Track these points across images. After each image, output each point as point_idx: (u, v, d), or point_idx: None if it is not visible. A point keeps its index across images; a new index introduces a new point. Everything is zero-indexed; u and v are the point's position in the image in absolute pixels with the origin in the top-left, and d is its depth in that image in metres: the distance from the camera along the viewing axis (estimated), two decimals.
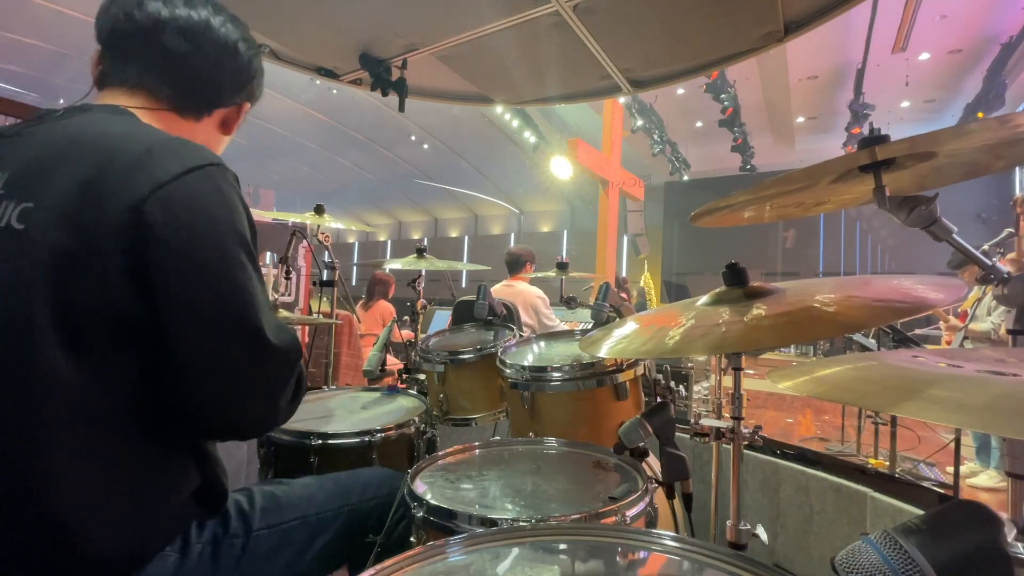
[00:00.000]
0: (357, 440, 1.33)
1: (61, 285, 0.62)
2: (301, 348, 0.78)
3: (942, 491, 1.73)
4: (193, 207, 0.67)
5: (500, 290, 3.50)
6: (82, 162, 0.66)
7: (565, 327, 2.94)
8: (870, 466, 3.10)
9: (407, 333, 2.26)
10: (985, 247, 2.92)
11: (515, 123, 11.33)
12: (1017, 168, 8.15)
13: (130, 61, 0.79)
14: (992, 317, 3.28)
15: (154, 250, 0.64)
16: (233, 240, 0.70)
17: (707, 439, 1.07)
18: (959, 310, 3.69)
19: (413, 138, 13.72)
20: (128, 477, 0.69)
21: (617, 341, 0.98)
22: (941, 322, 3.86)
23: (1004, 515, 0.53)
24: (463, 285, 13.80)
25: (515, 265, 3.62)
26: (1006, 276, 0.76)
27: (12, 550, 0.63)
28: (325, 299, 2.45)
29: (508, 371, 1.40)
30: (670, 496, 1.02)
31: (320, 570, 0.93)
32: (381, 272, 4.82)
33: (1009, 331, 0.80)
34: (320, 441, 1.31)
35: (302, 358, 0.80)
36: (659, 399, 1.35)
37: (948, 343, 3.71)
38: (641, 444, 1.00)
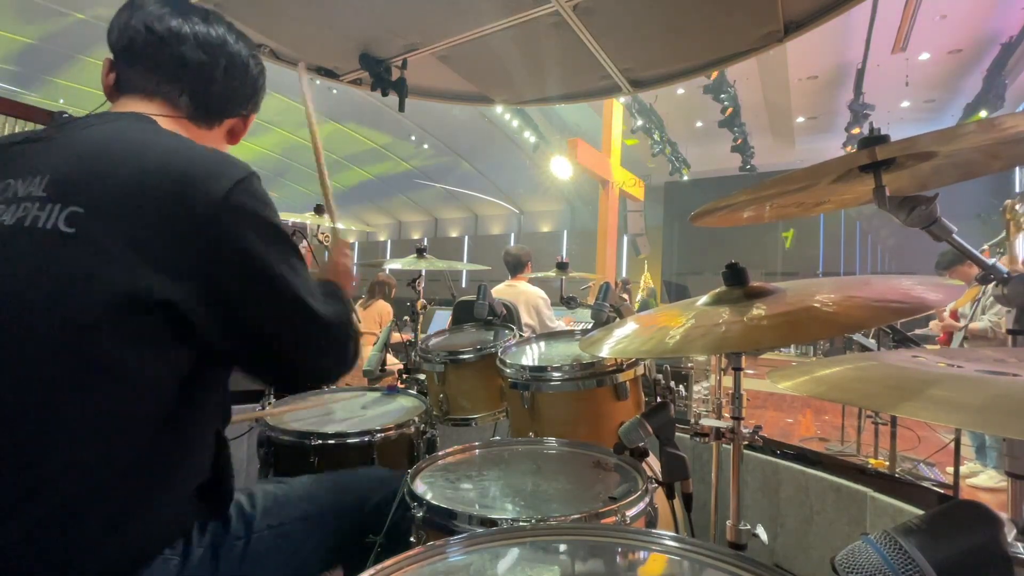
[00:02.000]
0: (357, 440, 1.33)
1: (122, 287, 0.64)
2: (351, 314, 0.89)
3: (942, 491, 1.73)
4: (245, 217, 0.72)
5: (502, 290, 3.50)
6: (131, 172, 0.69)
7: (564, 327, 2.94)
8: (870, 466, 3.10)
9: (406, 335, 2.26)
10: (985, 247, 2.92)
11: (515, 123, 11.33)
12: (1017, 168, 8.15)
13: (149, 71, 0.83)
14: (988, 316, 3.28)
15: (216, 256, 0.69)
16: (279, 239, 0.76)
17: (707, 439, 1.07)
18: (949, 309, 3.68)
19: (413, 138, 13.73)
20: (149, 468, 0.70)
21: (617, 341, 0.98)
22: (937, 319, 3.85)
23: (1004, 515, 0.53)
24: (463, 285, 13.81)
25: (517, 266, 3.62)
26: (1006, 276, 0.76)
27: (22, 541, 0.63)
28: None
29: (508, 371, 1.40)
30: (670, 496, 1.03)
31: (319, 568, 0.93)
32: (383, 274, 4.86)
33: (1009, 331, 0.80)
34: (320, 441, 1.31)
35: (352, 323, 0.88)
36: (659, 399, 1.35)
37: (942, 341, 3.70)
38: (641, 444, 1.01)
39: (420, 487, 0.96)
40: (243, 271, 0.72)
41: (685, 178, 12.94)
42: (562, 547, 0.70)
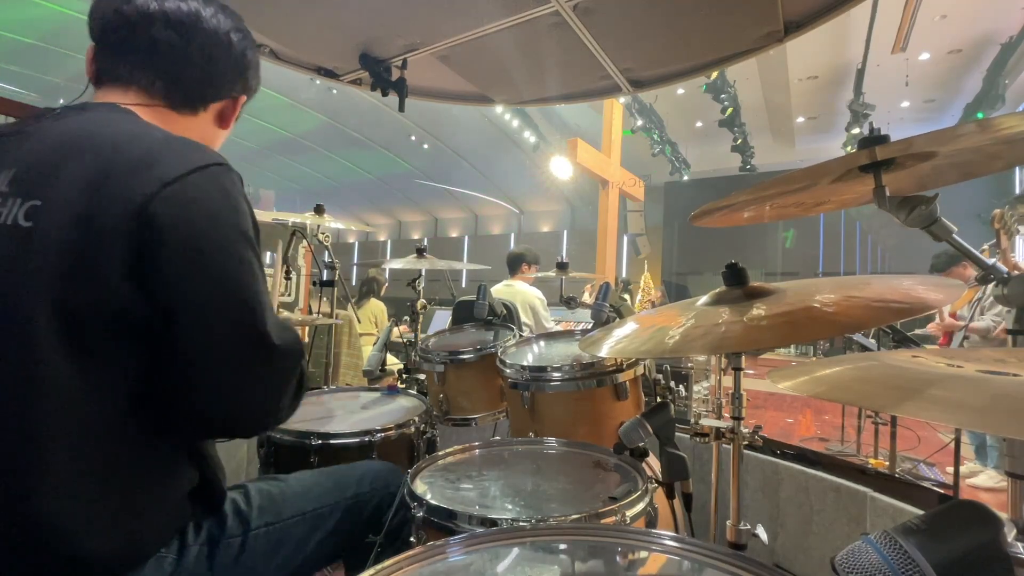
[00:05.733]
0: (357, 440, 1.33)
1: (66, 283, 0.63)
2: (303, 348, 0.79)
3: (942, 491, 1.73)
4: (197, 206, 0.68)
5: (500, 290, 3.50)
6: (88, 161, 0.66)
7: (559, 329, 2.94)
8: (870, 466, 3.10)
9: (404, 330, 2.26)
10: (984, 247, 2.93)
11: (515, 123, 11.33)
12: (1017, 168, 8.15)
13: (122, 57, 0.79)
14: (988, 316, 3.29)
15: (158, 248, 0.65)
16: (236, 238, 0.70)
17: (707, 439, 1.07)
18: (947, 313, 3.69)
19: (413, 138, 13.72)
20: (125, 476, 0.69)
21: (617, 341, 0.98)
22: (937, 320, 3.84)
23: (1004, 515, 0.53)
24: (463, 285, 13.81)
25: (514, 264, 3.62)
26: (1006, 276, 0.76)
27: (7, 548, 0.63)
28: (325, 299, 2.45)
29: (508, 371, 1.40)
30: (670, 496, 1.03)
31: (317, 564, 0.93)
32: (374, 271, 4.96)
33: (1009, 331, 0.80)
34: (320, 441, 1.31)
35: (303, 358, 0.80)
36: (659, 399, 1.35)
37: (943, 343, 3.70)
38: (641, 444, 1.00)
39: (420, 487, 0.96)
40: (182, 269, 0.66)
41: (685, 178, 12.94)
42: (562, 547, 0.70)
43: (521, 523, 0.78)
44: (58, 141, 0.69)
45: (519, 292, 3.45)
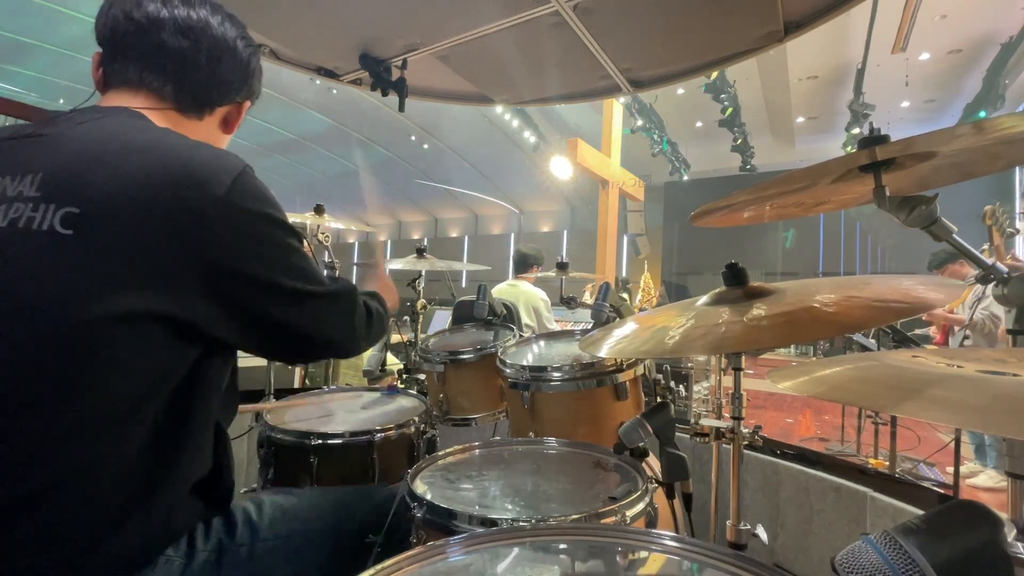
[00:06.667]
0: (357, 440, 1.33)
1: (120, 292, 0.64)
2: (353, 286, 0.93)
3: (942, 491, 1.74)
4: (243, 216, 0.72)
5: (503, 289, 3.49)
6: (129, 173, 0.67)
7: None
8: (870, 466, 3.10)
9: (406, 335, 2.26)
10: (984, 247, 2.94)
11: (515, 123, 11.33)
12: (1017, 168, 8.15)
13: (131, 61, 0.80)
14: (978, 310, 3.32)
15: (219, 264, 0.70)
16: (279, 232, 0.77)
17: (707, 439, 1.07)
18: (944, 309, 3.71)
19: (413, 138, 13.73)
20: (145, 465, 0.69)
21: (617, 341, 0.98)
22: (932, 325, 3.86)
23: (1004, 515, 0.53)
24: (463, 285, 13.81)
25: (520, 264, 3.60)
26: (1006, 276, 0.77)
27: (21, 544, 0.63)
28: None
29: (508, 371, 1.40)
30: (670, 496, 1.02)
31: None
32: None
33: (1009, 331, 0.80)
34: (320, 441, 1.31)
35: (357, 291, 0.94)
36: (659, 399, 1.35)
37: (939, 343, 3.72)
38: (641, 444, 1.00)
39: (420, 487, 0.96)
40: (246, 271, 0.72)
41: (685, 178, 12.94)
42: (562, 547, 0.70)
43: (521, 523, 0.78)
44: (84, 147, 0.69)
45: (523, 292, 3.44)
